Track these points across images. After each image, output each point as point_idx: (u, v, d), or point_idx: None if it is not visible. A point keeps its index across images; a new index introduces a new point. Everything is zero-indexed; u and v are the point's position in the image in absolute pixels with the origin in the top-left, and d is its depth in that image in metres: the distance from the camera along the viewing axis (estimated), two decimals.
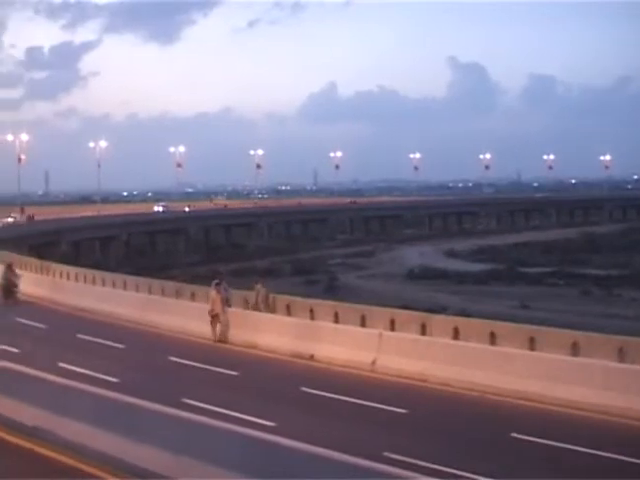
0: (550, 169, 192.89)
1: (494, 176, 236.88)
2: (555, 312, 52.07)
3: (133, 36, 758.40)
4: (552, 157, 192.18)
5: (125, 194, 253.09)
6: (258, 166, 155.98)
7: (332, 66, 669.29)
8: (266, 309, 26.76)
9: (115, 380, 20.24)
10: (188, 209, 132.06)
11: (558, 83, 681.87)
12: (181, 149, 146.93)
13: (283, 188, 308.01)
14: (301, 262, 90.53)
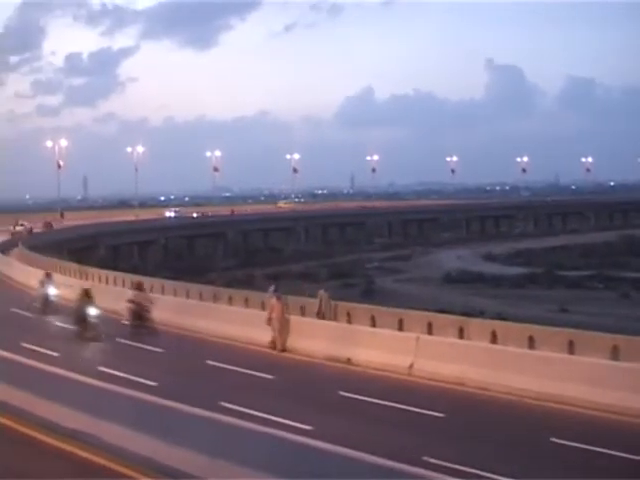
0: (588, 172, 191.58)
1: (531, 179, 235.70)
2: (594, 316, 51.68)
3: (170, 41, 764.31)
4: (590, 160, 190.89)
5: (162, 198, 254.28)
6: (295, 170, 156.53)
7: (368, 69, 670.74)
8: (329, 315, 26.68)
9: (153, 384, 20.34)
10: (196, 215, 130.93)
11: (597, 85, 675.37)
12: (217, 153, 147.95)
13: (319, 192, 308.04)
14: (338, 266, 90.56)
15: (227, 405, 17.64)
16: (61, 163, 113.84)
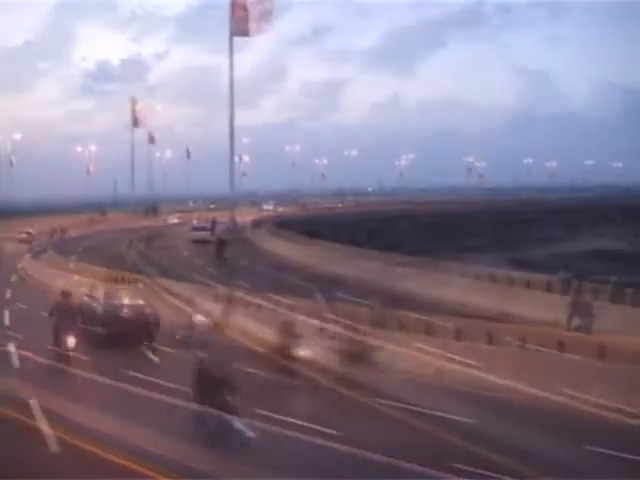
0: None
1: (559, 183, 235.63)
2: None
3: (199, 47, 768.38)
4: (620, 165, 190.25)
5: (191, 204, 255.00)
6: (322, 176, 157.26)
7: None
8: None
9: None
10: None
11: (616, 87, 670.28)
12: (246, 158, 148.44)
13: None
14: None
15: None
16: (91, 169, 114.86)
